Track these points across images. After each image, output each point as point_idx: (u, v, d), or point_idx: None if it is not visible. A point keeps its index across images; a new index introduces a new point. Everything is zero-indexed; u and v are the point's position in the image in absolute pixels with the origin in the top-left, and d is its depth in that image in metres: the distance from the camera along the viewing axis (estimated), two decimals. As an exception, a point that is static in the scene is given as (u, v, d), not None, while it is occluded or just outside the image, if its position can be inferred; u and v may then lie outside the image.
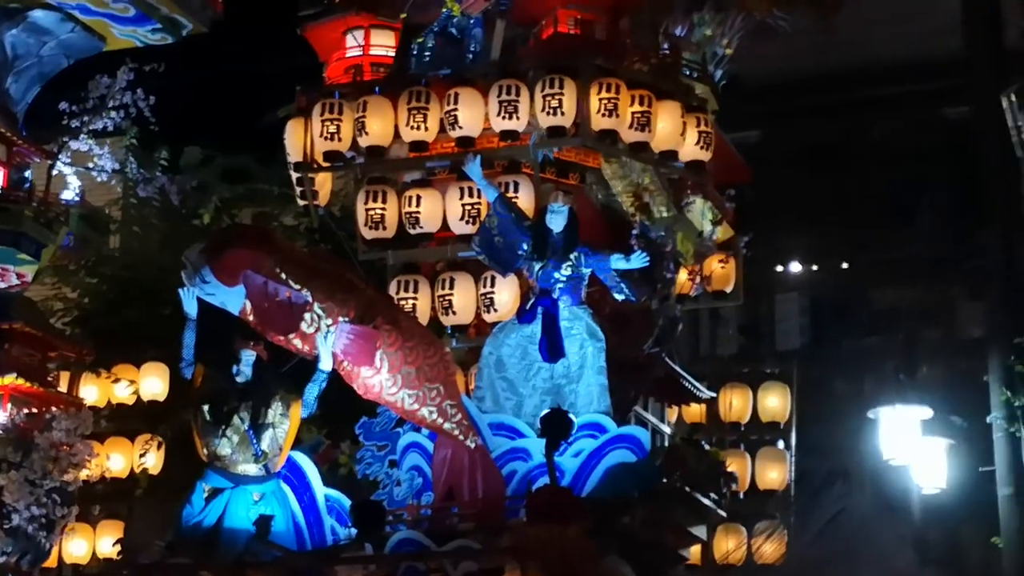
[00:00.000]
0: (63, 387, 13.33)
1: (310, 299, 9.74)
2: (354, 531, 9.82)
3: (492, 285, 11.43)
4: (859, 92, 22.12)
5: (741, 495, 13.19)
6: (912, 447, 16.55)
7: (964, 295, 23.83)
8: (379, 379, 9.91)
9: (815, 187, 22.99)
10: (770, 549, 13.53)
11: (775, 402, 14.07)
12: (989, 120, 16.54)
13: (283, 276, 9.68)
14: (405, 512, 10.20)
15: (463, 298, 11.51)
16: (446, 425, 10.02)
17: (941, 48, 21.54)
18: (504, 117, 11.34)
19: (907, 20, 22.33)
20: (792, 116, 22.23)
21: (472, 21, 12.05)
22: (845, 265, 24.73)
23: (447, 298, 11.51)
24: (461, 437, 10.07)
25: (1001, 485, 19.22)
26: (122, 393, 14.68)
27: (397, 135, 11.69)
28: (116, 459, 14.21)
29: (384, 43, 12.64)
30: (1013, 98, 12.22)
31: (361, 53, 12.63)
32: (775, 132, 22.43)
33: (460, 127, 11.47)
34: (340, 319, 9.78)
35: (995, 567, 20.13)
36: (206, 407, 10.03)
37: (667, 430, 12.20)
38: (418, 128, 11.55)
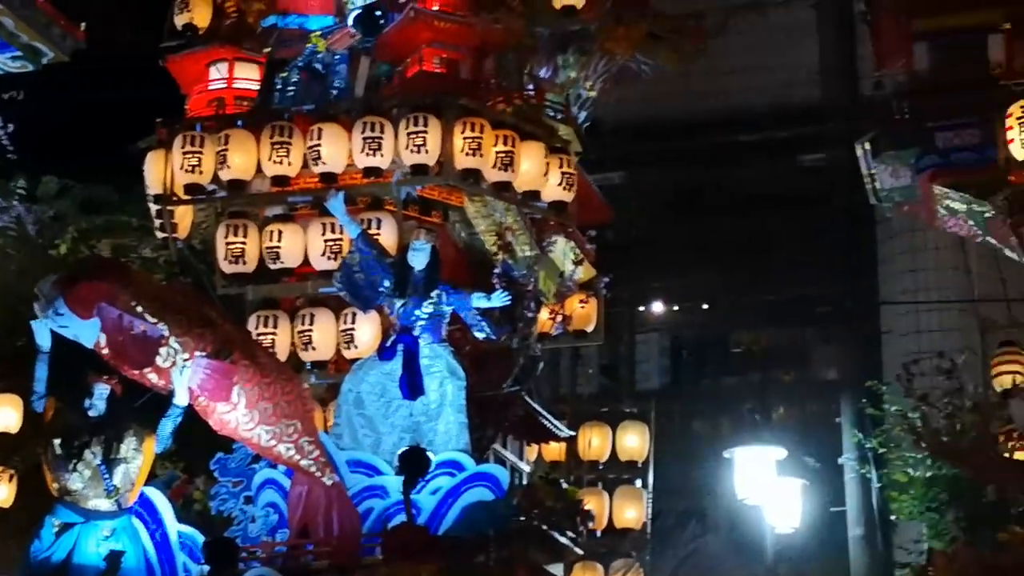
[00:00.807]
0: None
1: (166, 333, 9.63)
2: (207, 568, 9.71)
3: (353, 321, 11.40)
4: (719, 138, 22.45)
5: (598, 533, 13.24)
6: (766, 487, 16.74)
7: (818, 339, 24.25)
8: (236, 415, 9.82)
9: (676, 230, 23.24)
10: (626, 588, 13.60)
11: (634, 441, 14.16)
12: (843, 169, 16.91)
13: (139, 309, 9.56)
14: (259, 549, 10.10)
15: (323, 334, 11.46)
16: (303, 462, 9.96)
17: (798, 98, 21.99)
18: (368, 154, 11.34)
19: (766, 70, 22.75)
20: (654, 160, 22.49)
21: (337, 57, 12.05)
22: (705, 307, 25.01)
23: (307, 334, 11.45)
24: (318, 474, 10.01)
25: (852, 526, 19.56)
26: (-27, 424, 14.35)
27: (259, 169, 11.63)
28: (-34, 492, 13.88)
29: (248, 76, 12.60)
30: (867, 146, 12.47)
31: (224, 86, 12.56)
32: (638, 175, 22.67)
33: (323, 163, 11.45)
34: (197, 354, 9.68)
35: (845, 606, 20.43)
36: (57, 441, 9.86)
37: (526, 468, 12.24)
38: (280, 162, 11.51)
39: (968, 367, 14.71)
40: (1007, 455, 11.22)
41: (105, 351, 9.63)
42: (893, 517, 16.48)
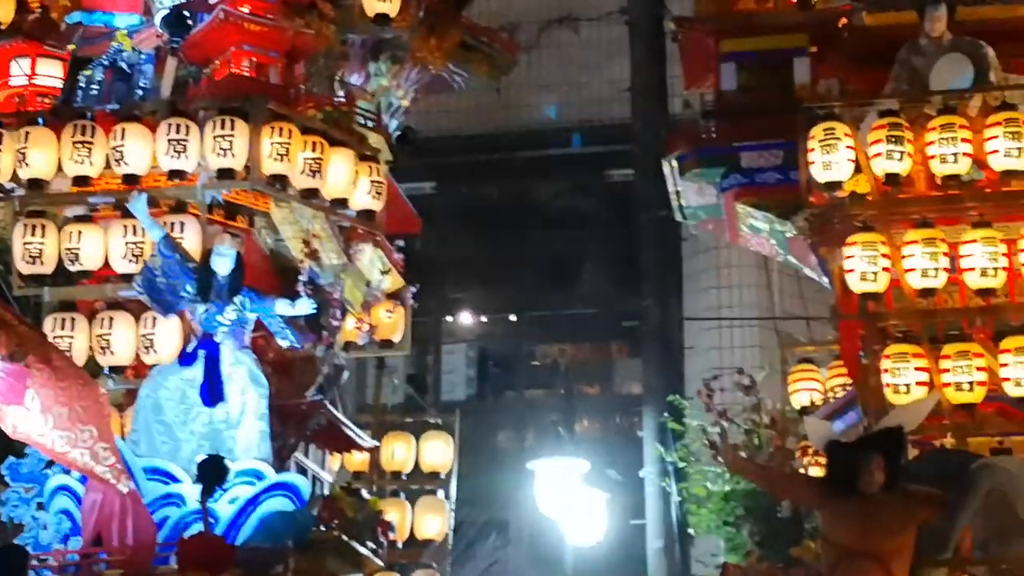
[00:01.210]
0: None
1: (-43, 334, 9.35)
2: (-5, 577, 9.45)
3: (153, 326, 11.17)
4: (530, 152, 22.57)
5: (399, 544, 13.18)
6: (569, 499, 16.86)
7: (622, 353, 24.51)
8: (29, 419, 9.56)
9: (485, 242, 23.32)
10: (426, 599, 13.56)
11: (437, 452, 14.13)
12: (650, 185, 17.10)
13: (-72, 309, 9.28)
14: (51, 557, 9.87)
15: (122, 338, 11.22)
16: (98, 468, 9.73)
17: (608, 114, 22.21)
18: (172, 156, 11.14)
19: (579, 85, 22.95)
20: (465, 171, 22.53)
21: (143, 56, 11.83)
22: (512, 319, 25.12)
23: (105, 338, 11.19)
24: (113, 481, 9.79)
25: (652, 538, 19.78)
26: None
27: (60, 168, 11.35)
28: None
29: (50, 73, 12.28)
30: (674, 164, 12.62)
31: (26, 82, 12.24)
32: (448, 186, 22.70)
33: (126, 163, 11.22)
34: (-10, 356, 9.42)
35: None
36: None
37: (328, 478, 12.13)
38: (82, 162, 11.24)
39: (768, 383, 14.96)
40: (803, 471, 11.43)
41: None
42: (691, 530, 16.67)
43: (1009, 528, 8.08)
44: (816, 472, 9.85)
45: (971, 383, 9.98)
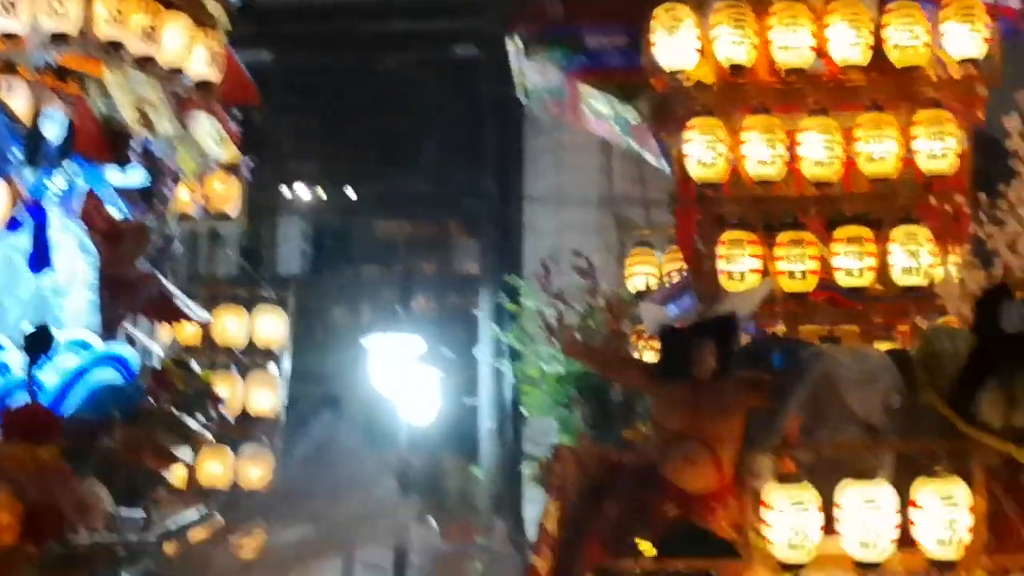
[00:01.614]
0: None
1: None
2: None
3: (-22, 190, 10.84)
4: (371, 25, 22.24)
5: (230, 419, 13.07)
6: (403, 377, 16.87)
7: (460, 232, 24.49)
8: None
9: (324, 114, 23.03)
10: (256, 473, 13.50)
11: (271, 326, 14.02)
12: (494, 64, 16.95)
13: None
14: None
15: (-55, 202, 10.87)
16: (-82, 335, 9.48)
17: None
18: (2, 16, 10.74)
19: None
20: (305, 42, 22.15)
21: (-28, -90, 11.35)
22: (350, 194, 24.92)
23: (-72, 202, 10.83)
24: (-66, 349, 9.55)
25: (484, 417, 19.92)
26: None
27: None
28: None
29: None
30: (518, 43, 12.50)
31: None
32: (287, 57, 22.30)
33: (-48, 22, 10.80)
34: None
35: (472, 496, 20.83)
36: None
37: (158, 350, 11.96)
38: (-95, 20, 10.80)
39: (605, 267, 15.03)
40: (637, 355, 11.51)
41: None
42: (524, 411, 16.79)
43: (836, 415, 8.22)
44: (650, 356, 9.91)
45: (803, 272, 10.09)
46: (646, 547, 7.88)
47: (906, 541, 7.67)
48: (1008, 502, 8.16)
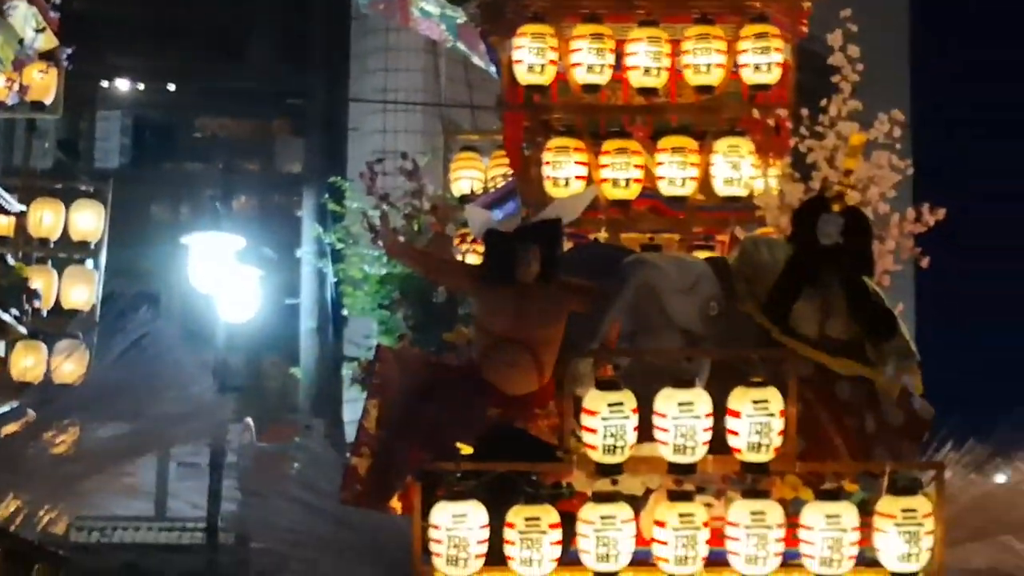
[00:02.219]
0: None
1: None
2: None
3: None
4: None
5: (44, 313, 12.82)
6: (223, 276, 16.67)
7: (285, 131, 24.21)
8: None
9: (147, 6, 22.51)
10: (70, 368, 13.27)
11: (88, 220, 13.70)
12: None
13: None
14: None
15: None
16: None
17: None
18: None
19: None
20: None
21: None
22: (172, 89, 24.46)
23: None
24: None
25: (305, 317, 19.83)
26: None
27: None
28: None
29: None
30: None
31: None
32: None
33: None
34: None
35: (292, 396, 20.78)
36: None
37: (-30, 243, 11.67)
38: None
39: (430, 169, 15.00)
40: (461, 257, 11.52)
41: None
42: (346, 311, 16.75)
43: (656, 322, 8.31)
44: (474, 260, 9.92)
45: (627, 180, 10.17)
46: (467, 450, 7.93)
47: (722, 447, 7.81)
48: (821, 410, 8.37)
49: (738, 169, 10.24)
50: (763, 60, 10.28)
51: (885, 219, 10.36)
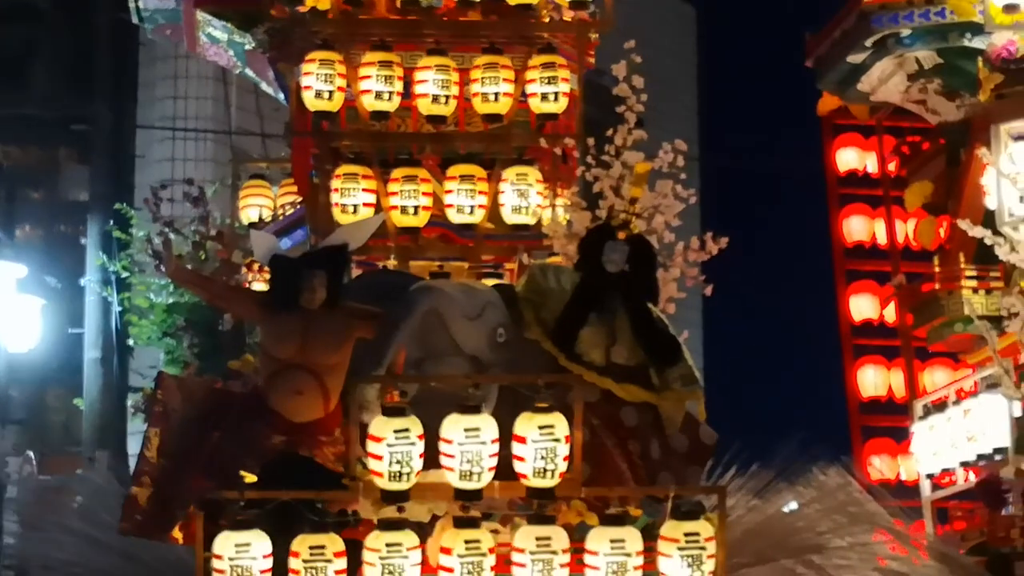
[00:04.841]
0: None
1: None
2: None
3: None
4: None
5: None
6: (4, 305, 16.24)
7: (70, 158, 23.71)
8: None
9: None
10: None
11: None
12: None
13: None
14: None
15: None
16: None
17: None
18: None
19: None
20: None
21: None
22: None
23: None
24: None
25: (89, 347, 19.38)
26: None
27: None
28: None
29: None
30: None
31: None
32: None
33: None
34: None
35: (75, 428, 20.30)
36: None
37: None
38: None
39: (220, 198, 14.85)
40: (248, 284, 11.41)
41: None
42: (131, 341, 16.44)
43: (442, 348, 8.30)
44: (261, 287, 9.81)
45: (416, 207, 10.18)
46: (250, 478, 7.82)
47: (509, 473, 7.82)
48: (607, 436, 8.43)
49: (526, 197, 10.31)
50: (551, 90, 10.38)
51: (670, 247, 10.50)
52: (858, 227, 18.32)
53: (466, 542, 7.60)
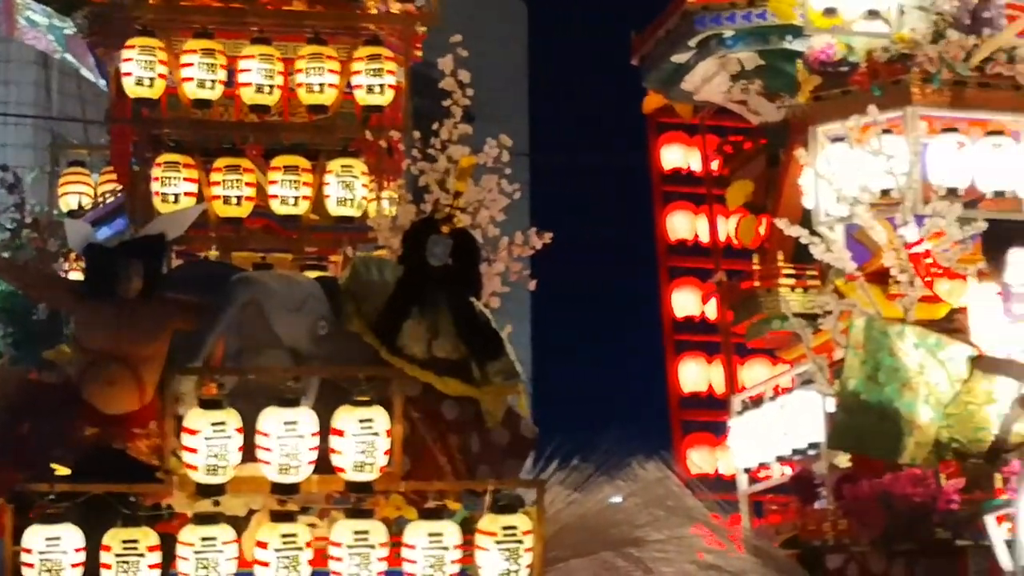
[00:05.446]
0: None
1: None
2: None
3: None
4: None
5: None
6: None
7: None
8: None
9: None
10: None
11: None
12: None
13: None
14: None
15: None
16: None
17: None
18: None
19: None
20: None
21: None
22: None
23: None
24: None
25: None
26: None
27: None
28: None
29: None
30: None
31: None
32: None
33: None
34: None
35: None
36: None
37: None
38: None
39: (39, 185, 14.53)
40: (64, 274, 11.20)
41: None
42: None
43: (262, 340, 8.22)
44: (78, 276, 9.63)
45: (239, 198, 10.10)
46: (62, 470, 7.67)
47: (328, 467, 7.77)
48: (427, 429, 8.43)
49: (351, 190, 10.27)
50: (376, 82, 10.35)
51: (495, 242, 10.54)
52: (681, 224, 18.52)
53: (282, 536, 7.54)
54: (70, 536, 7.35)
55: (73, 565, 7.35)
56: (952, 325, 11.54)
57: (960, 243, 11.74)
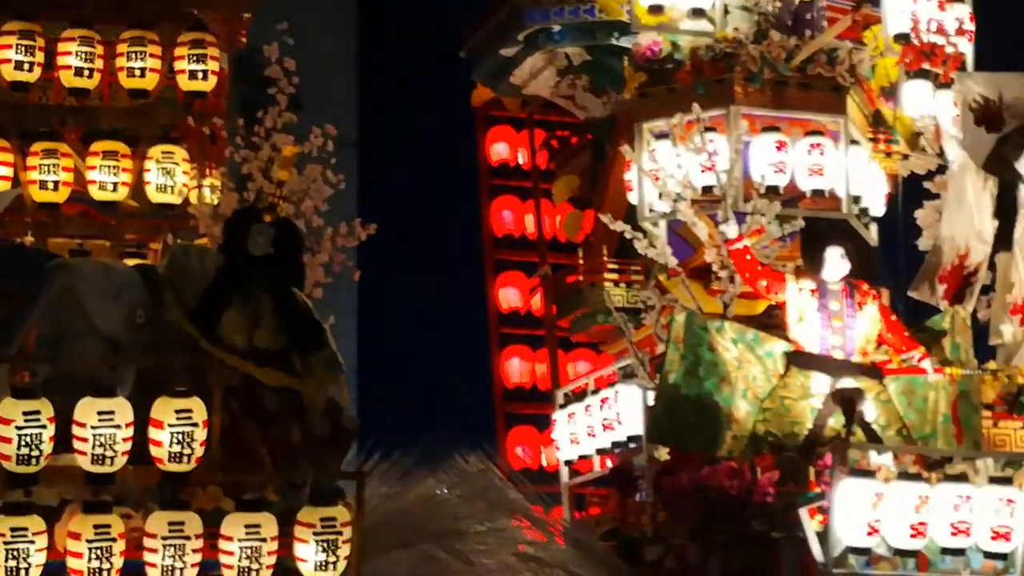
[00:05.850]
0: None
1: None
2: None
3: None
4: None
5: None
6: None
7: None
8: None
9: None
10: None
11: None
12: None
13: None
14: None
15: None
16: None
17: None
18: None
19: None
20: None
21: None
22: None
23: None
24: None
25: None
26: None
27: None
28: None
29: None
30: None
31: None
32: None
33: None
34: None
35: None
36: None
37: None
38: None
39: None
40: None
41: None
42: None
43: (78, 328, 8.09)
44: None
45: (56, 183, 9.97)
46: None
47: (144, 458, 7.67)
48: (247, 420, 8.36)
49: (172, 176, 10.17)
50: (199, 68, 10.25)
51: (319, 232, 10.47)
52: (508, 218, 18.63)
53: (95, 527, 7.42)
54: None
55: None
56: (770, 321, 11.73)
57: (779, 240, 11.97)
